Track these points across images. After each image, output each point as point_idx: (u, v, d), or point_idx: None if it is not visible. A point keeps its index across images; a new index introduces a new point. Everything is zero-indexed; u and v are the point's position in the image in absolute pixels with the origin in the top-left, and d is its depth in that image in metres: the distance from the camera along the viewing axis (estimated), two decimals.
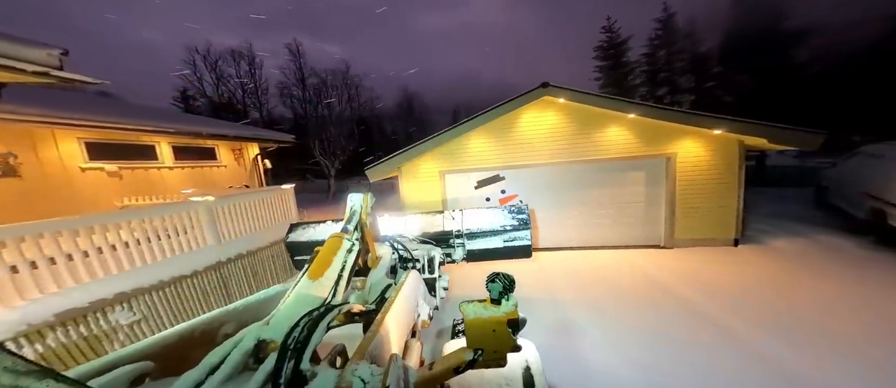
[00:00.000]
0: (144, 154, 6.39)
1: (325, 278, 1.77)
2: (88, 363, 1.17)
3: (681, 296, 4.26)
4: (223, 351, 1.22)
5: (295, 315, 1.34)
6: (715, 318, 3.68)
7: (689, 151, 5.74)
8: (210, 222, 4.29)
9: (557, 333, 3.63)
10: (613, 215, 6.57)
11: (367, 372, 1.10)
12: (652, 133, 5.87)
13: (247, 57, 27.98)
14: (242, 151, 9.22)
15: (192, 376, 1.10)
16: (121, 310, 3.18)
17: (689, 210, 5.93)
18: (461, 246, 4.81)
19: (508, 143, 6.61)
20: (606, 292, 4.59)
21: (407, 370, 1.22)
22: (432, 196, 7.08)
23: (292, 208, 6.59)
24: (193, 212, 4.11)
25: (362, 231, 2.46)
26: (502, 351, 1.26)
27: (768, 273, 4.71)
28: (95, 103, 6.85)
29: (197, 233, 4.17)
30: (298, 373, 1.05)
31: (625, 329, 3.58)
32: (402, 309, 1.89)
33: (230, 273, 4.62)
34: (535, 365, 1.64)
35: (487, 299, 1.29)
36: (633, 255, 6.05)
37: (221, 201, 4.51)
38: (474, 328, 1.24)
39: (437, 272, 3.65)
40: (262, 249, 5.42)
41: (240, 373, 1.19)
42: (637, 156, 6.05)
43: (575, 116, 6.24)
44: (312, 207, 17.42)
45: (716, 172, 5.68)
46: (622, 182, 6.41)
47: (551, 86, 5.98)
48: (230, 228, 4.76)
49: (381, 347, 1.43)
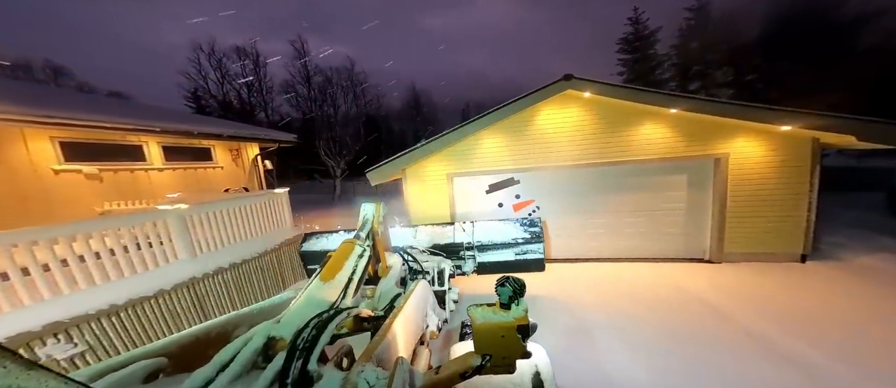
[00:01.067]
0: (130, 155, 5.94)
1: (337, 281, 1.79)
2: (103, 362, 1.16)
3: (735, 320, 3.57)
4: (234, 349, 1.21)
5: (305, 315, 1.38)
6: (781, 348, 3.03)
7: (746, 150, 4.84)
8: (182, 233, 3.72)
9: (578, 349, 3.17)
10: (647, 223, 5.72)
11: (372, 375, 1.11)
12: (698, 130, 5.00)
13: (251, 55, 27.57)
14: (241, 152, 8.76)
15: (203, 373, 1.10)
16: (55, 343, 2.60)
17: (744, 219, 5.03)
18: (472, 258, 4.72)
19: (524, 142, 5.87)
20: (640, 311, 3.93)
21: (413, 374, 1.21)
22: (439, 201, 6.40)
23: (287, 215, 6.01)
24: (161, 222, 3.53)
25: (374, 240, 2.46)
26: (511, 357, 1.23)
27: (849, 297, 3.86)
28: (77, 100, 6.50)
29: (166, 246, 3.59)
30: (306, 373, 1.06)
31: (662, 356, 3.03)
32: (410, 316, 1.88)
33: (207, 292, 4.03)
34: (545, 372, 1.58)
35: (497, 304, 1.25)
36: (671, 269, 5.22)
37: (197, 209, 3.93)
38: (482, 332, 1.21)
39: (447, 285, 3.49)
40: (249, 260, 4.83)
41: (249, 372, 1.17)
42: (678, 157, 5.19)
43: (603, 112, 5.43)
44: (317, 209, 17.05)
45: (781, 175, 4.76)
46: (659, 186, 5.55)
47: (575, 78, 5.20)
48: (210, 238, 4.19)
49: (388, 351, 1.43)
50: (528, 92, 5.56)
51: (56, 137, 4.88)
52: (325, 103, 23.69)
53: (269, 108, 28.55)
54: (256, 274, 5.03)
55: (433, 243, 4.74)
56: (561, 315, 3.95)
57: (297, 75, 26.43)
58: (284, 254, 5.82)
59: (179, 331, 3.60)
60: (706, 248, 5.42)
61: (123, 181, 5.81)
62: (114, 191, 5.59)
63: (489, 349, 1.21)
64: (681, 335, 3.35)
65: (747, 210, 5.00)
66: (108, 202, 5.36)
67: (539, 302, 4.28)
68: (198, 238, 4.02)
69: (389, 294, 2.41)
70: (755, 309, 3.77)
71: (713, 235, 5.25)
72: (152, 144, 6.29)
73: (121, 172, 5.76)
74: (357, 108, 25.16)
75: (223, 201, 4.56)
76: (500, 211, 6.43)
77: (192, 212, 3.88)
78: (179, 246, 3.71)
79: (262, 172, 9.85)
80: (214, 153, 7.90)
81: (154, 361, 1.20)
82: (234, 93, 27.53)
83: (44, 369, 0.55)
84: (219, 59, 26.70)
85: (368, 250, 2.23)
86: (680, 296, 4.25)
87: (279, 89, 27.65)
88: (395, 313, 1.74)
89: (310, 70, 26.42)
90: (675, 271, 5.10)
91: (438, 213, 6.45)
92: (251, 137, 8.43)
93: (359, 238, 2.26)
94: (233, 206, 4.65)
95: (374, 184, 6.76)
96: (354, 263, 1.99)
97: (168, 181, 6.61)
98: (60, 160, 4.95)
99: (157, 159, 6.37)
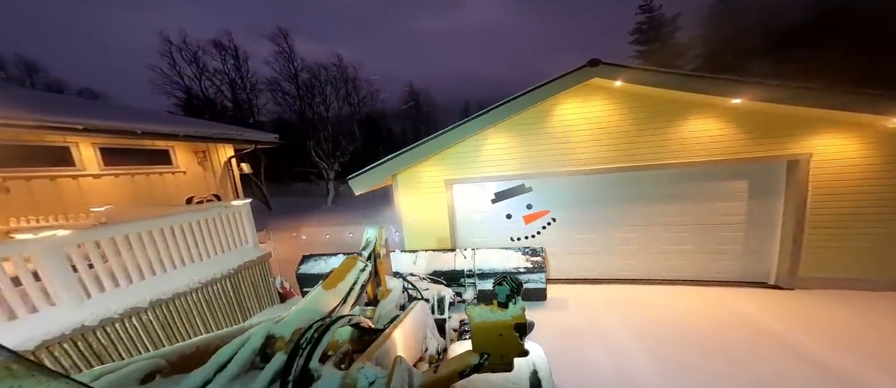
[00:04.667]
0: (51, 158, 4.81)
1: (338, 290, 1.82)
2: (103, 366, 1.15)
3: (825, 364, 2.75)
4: (231, 349, 1.18)
5: (306, 318, 1.40)
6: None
7: (834, 149, 3.74)
8: (60, 271, 2.59)
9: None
10: (693, 238, 4.65)
11: (372, 373, 1.12)
12: (766, 125, 3.92)
13: (230, 50, 24.53)
14: (209, 154, 7.65)
15: (201, 374, 1.07)
16: None
17: (829, 236, 3.93)
18: (472, 286, 4.60)
19: (537, 143, 4.81)
20: (690, 348, 3.15)
21: (412, 372, 1.21)
22: (436, 212, 5.32)
23: (247, 230, 4.89)
24: (21, 257, 2.41)
25: (375, 262, 2.51)
26: (509, 356, 1.23)
27: None
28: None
29: (30, 290, 2.47)
30: (307, 371, 1.07)
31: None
32: (409, 332, 1.92)
33: (111, 342, 2.91)
34: (542, 369, 1.61)
35: (495, 303, 1.27)
36: (725, 295, 4.23)
37: (89, 235, 2.81)
38: (480, 331, 1.22)
39: (448, 313, 3.33)
40: (186, 294, 3.71)
41: (247, 372, 1.14)
42: (737, 159, 4.10)
43: (635, 105, 4.38)
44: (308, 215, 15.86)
45: (885, 182, 3.66)
46: (710, 195, 4.46)
47: (604, 64, 4.14)
48: (120, 270, 3.08)
49: (388, 355, 1.47)
50: (544, 82, 4.49)
51: None
52: (315, 101, 22.35)
53: (256, 107, 26.77)
54: (198, 308, 3.90)
55: (433, 269, 4.71)
56: (594, 350, 2.98)
57: (282, 72, 24.72)
58: (243, 279, 4.70)
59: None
60: (771, 270, 4.32)
61: (42, 191, 4.68)
62: (25, 204, 4.47)
63: (487, 348, 1.21)
64: (746, 380, 2.60)
65: (834, 225, 3.89)
66: (16, 219, 4.25)
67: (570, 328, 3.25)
68: (97, 273, 2.90)
69: (389, 316, 2.37)
70: (845, 348, 2.91)
71: (783, 254, 4.15)
72: (85, 146, 5.16)
73: (36, 179, 4.64)
74: (350, 106, 23.87)
75: (148, 219, 3.43)
76: (504, 234, 5.36)
77: (81, 238, 2.75)
78: (57, 287, 2.58)
79: (237, 176, 8.74)
80: (174, 156, 6.78)
81: (152, 361, 1.19)
82: (213, 90, 25.11)
83: (47, 369, 0.58)
84: (193, 53, 23.43)
85: (370, 266, 2.32)
86: (747, 333, 3.30)
87: (264, 87, 25.68)
88: (395, 324, 1.82)
89: (296, 66, 24.62)
90: (734, 299, 4.07)
91: (435, 224, 5.36)
92: (220, 138, 7.31)
93: (361, 255, 2.35)
94: (162, 224, 3.53)
95: (357, 193, 5.65)
96: (356, 275, 2.06)
97: (107, 190, 5.48)
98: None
99: (91, 164, 5.25)
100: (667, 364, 2.94)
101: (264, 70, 25.84)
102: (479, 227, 5.47)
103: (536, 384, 1.54)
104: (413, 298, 3.49)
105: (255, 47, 27.62)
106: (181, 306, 3.69)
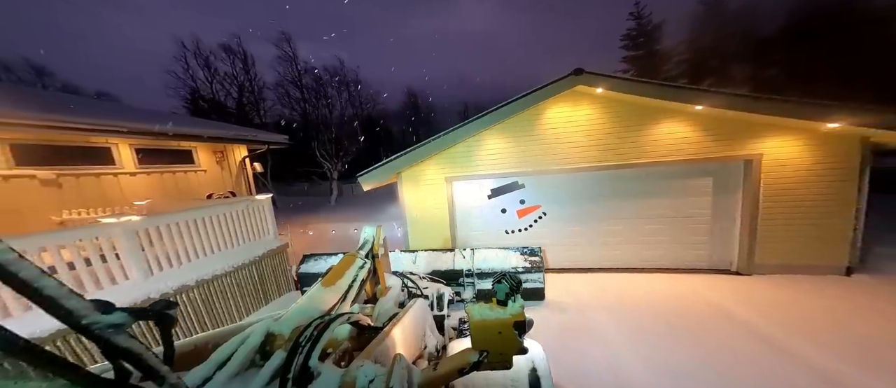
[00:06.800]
0: (96, 158, 5.39)
1: (338, 287, 1.83)
2: (103, 365, 1.07)
3: (772, 339, 3.22)
4: (231, 347, 1.19)
5: (306, 315, 1.40)
6: (825, 371, 2.73)
7: (782, 151, 4.31)
8: (133, 250, 3.17)
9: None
10: (668, 231, 5.20)
11: (371, 370, 1.12)
12: (725, 129, 4.48)
13: (239, 54, 26.34)
14: (226, 154, 8.22)
15: (201, 371, 1.08)
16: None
17: (778, 227, 4.49)
18: (471, 285, 4.65)
19: (530, 144, 5.35)
20: (662, 328, 3.59)
21: (411, 370, 1.20)
22: (437, 206, 5.87)
23: (269, 222, 5.47)
24: (104, 238, 2.99)
25: (374, 261, 2.52)
26: (508, 354, 1.23)
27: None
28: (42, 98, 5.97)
29: (112, 265, 3.05)
30: (306, 369, 1.06)
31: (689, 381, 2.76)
32: (409, 329, 1.91)
33: None
34: (541, 367, 1.60)
35: (494, 301, 1.27)
36: (695, 281, 4.71)
37: (151, 222, 3.38)
38: (479, 329, 1.21)
39: (446, 311, 3.38)
40: (221, 276, 4.29)
41: (247, 369, 1.15)
42: (703, 158, 4.66)
43: (617, 110, 4.92)
44: (314, 213, 16.47)
45: (823, 178, 4.23)
46: (681, 191, 5.02)
47: (586, 73, 4.68)
48: (172, 253, 3.65)
49: (387, 353, 1.45)
50: (534, 88, 5.04)
51: (5, 140, 4.35)
52: (320, 104, 23.07)
53: (262, 109, 27.78)
54: (231, 290, 4.48)
55: (432, 269, 4.74)
56: (577, 341, 3.43)
57: (287, 75, 25.67)
58: (266, 265, 5.28)
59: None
60: (734, 259, 4.88)
61: (88, 187, 5.26)
62: (76, 198, 5.04)
63: (486, 346, 1.21)
64: (715, 358, 2.99)
65: (782, 217, 4.45)
66: (68, 211, 4.82)
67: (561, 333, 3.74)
68: (156, 254, 3.47)
69: (388, 314, 2.39)
70: (793, 327, 3.36)
71: (742, 244, 4.71)
72: (123, 147, 5.75)
73: (84, 176, 5.22)
74: (353, 108, 24.54)
75: (191, 209, 4.02)
76: (499, 227, 5.91)
77: (147, 224, 3.33)
78: (130, 265, 3.17)
79: (250, 175, 9.32)
80: (196, 156, 7.36)
81: None
82: (223, 93, 26.48)
83: (58, 359, 0.55)
84: (205, 58, 25.42)
85: (369, 263, 2.33)
86: (710, 312, 3.80)
87: (271, 90, 26.84)
88: (394, 321, 1.79)
89: (299, 70, 25.61)
90: (701, 284, 4.59)
91: (436, 218, 5.92)
92: (236, 139, 7.89)
93: (359, 255, 2.35)
94: (202, 215, 4.11)
95: (366, 189, 6.23)
96: (355, 272, 2.07)
97: (142, 187, 6.07)
98: (10, 164, 4.41)
99: (128, 163, 5.83)
100: (641, 343, 3.30)
101: (269, 74, 26.66)
102: (476, 220, 6.02)
103: (535, 381, 1.54)
104: (413, 294, 3.48)
105: (257, 51, 28.43)
106: (218, 286, 4.27)
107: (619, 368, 2.95)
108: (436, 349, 2.29)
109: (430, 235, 5.99)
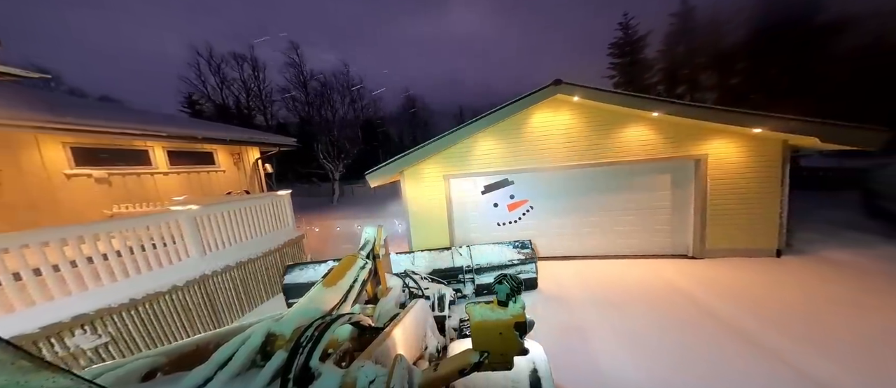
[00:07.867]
0: (137, 159, 6.13)
1: (338, 287, 1.84)
2: (103, 364, 1.17)
3: (716, 312, 3.87)
4: (232, 347, 1.21)
5: (307, 316, 1.38)
6: (757, 337, 3.33)
7: (723, 152, 5.15)
8: (193, 233, 3.93)
9: (571, 342, 3.47)
10: (637, 222, 6.01)
11: (372, 371, 1.11)
12: (679, 132, 5.30)
13: (249, 60, 28.10)
14: (242, 156, 8.96)
15: (202, 372, 1.09)
16: (82, 333, 2.80)
17: (723, 217, 5.32)
18: (470, 281, 4.85)
19: (518, 145, 6.13)
20: (631, 305, 4.20)
21: (412, 371, 1.21)
22: (436, 201, 6.64)
23: (289, 216, 6.23)
24: (174, 223, 3.75)
25: (374, 261, 2.54)
26: (509, 354, 1.24)
27: (818, 288, 4.15)
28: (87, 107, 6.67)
29: (178, 245, 3.80)
30: (307, 369, 1.06)
31: (651, 348, 3.30)
32: (410, 329, 1.90)
33: (216, 288, 4.24)
34: (542, 368, 1.61)
35: (494, 301, 1.27)
36: (659, 266, 5.49)
37: (206, 210, 4.15)
38: (480, 330, 1.22)
39: (448, 311, 3.45)
40: (254, 260, 5.05)
41: (247, 370, 1.17)
42: (663, 157, 5.48)
43: (592, 115, 5.72)
44: (318, 212, 17.21)
45: (754, 175, 5.07)
46: (647, 186, 5.84)
47: (564, 83, 5.48)
48: (217, 238, 4.41)
49: (388, 354, 1.45)
50: (520, 96, 5.83)
51: (68, 143, 5.07)
52: (324, 107, 23.93)
53: (268, 112, 28.87)
54: (260, 273, 5.23)
55: (432, 268, 4.82)
56: (559, 313, 4.13)
57: (293, 80, 26.80)
58: (286, 254, 6.04)
59: (191, 325, 3.84)
60: (690, 245, 5.71)
61: (131, 185, 6.00)
62: (122, 194, 5.78)
63: (487, 346, 1.22)
64: (667, 327, 3.60)
65: (725, 208, 5.29)
66: (117, 205, 5.56)
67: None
68: (206, 238, 4.23)
69: (389, 314, 2.42)
70: (733, 301, 4.04)
71: (696, 232, 5.54)
72: (158, 149, 6.48)
73: (128, 176, 5.96)
74: (354, 111, 25.39)
75: (230, 202, 4.78)
76: (491, 219, 6.64)
77: (202, 212, 4.09)
78: (190, 246, 3.93)
79: (262, 175, 10.06)
80: (217, 157, 8.10)
81: (153, 359, 1.21)
82: (232, 98, 27.91)
83: (54, 366, 0.56)
84: (217, 65, 27.08)
85: (369, 264, 2.35)
86: (667, 291, 4.49)
87: (277, 94, 28.11)
88: (395, 322, 1.82)
89: (305, 75, 26.78)
90: (663, 268, 5.35)
91: (435, 212, 6.68)
92: (253, 141, 8.64)
93: (360, 255, 2.35)
94: (239, 207, 4.87)
95: (373, 186, 6.99)
96: (356, 273, 2.08)
97: (173, 185, 6.81)
98: (71, 165, 5.14)
99: (162, 164, 6.57)
100: (612, 316, 3.90)
101: (277, 78, 27.91)
102: (471, 213, 6.80)
103: (536, 382, 1.54)
104: (414, 295, 3.50)
105: (263, 56, 29.70)
106: (251, 268, 5.03)
107: (593, 336, 3.55)
108: (436, 350, 2.30)
109: (430, 226, 6.74)
